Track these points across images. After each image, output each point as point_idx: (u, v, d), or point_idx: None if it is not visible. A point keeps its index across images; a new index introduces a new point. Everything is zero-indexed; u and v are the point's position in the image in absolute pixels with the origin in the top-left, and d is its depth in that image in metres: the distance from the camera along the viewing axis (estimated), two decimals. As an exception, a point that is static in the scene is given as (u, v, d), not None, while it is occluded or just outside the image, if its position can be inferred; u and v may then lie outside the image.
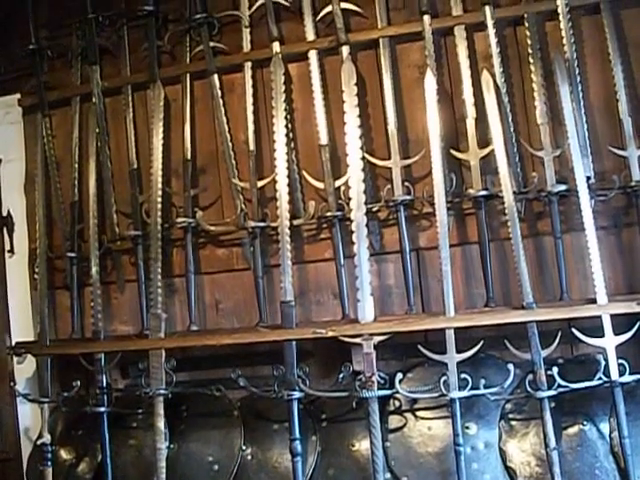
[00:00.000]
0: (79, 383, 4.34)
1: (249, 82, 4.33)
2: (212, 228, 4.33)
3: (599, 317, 3.60)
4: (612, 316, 3.59)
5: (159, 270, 4.25)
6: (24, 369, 4.67)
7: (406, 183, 4.03)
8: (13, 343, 4.68)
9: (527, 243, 3.85)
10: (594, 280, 3.62)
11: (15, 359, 4.61)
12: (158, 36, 4.54)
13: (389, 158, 4.07)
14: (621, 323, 3.60)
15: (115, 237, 4.55)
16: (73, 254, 4.57)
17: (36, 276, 4.61)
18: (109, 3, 4.68)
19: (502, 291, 3.98)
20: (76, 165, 4.64)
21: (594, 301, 3.62)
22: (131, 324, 4.58)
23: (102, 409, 4.24)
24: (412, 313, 3.98)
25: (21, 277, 4.82)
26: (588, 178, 3.75)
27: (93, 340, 4.34)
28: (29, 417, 4.70)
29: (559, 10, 3.88)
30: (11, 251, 4.88)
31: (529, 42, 3.96)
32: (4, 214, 4.89)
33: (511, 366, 3.67)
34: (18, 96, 4.89)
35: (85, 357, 4.32)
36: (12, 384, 4.58)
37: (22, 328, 4.77)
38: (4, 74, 4.96)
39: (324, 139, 4.17)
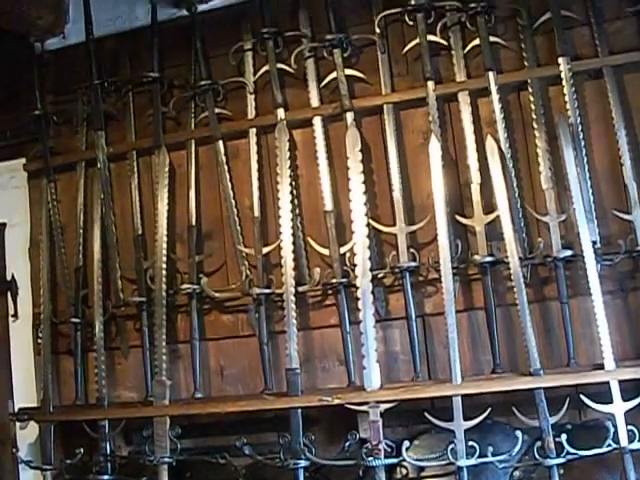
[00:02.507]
0: (82, 450, 4.30)
1: (254, 148, 4.37)
2: (217, 294, 4.32)
3: (607, 383, 3.56)
4: (620, 382, 3.55)
5: (164, 336, 4.25)
6: (27, 435, 4.64)
7: (411, 249, 4.03)
8: (16, 409, 4.64)
9: (533, 308, 3.83)
10: (601, 345, 3.60)
11: (18, 425, 4.58)
12: (163, 102, 4.58)
13: (394, 224, 4.07)
14: (629, 388, 3.56)
15: (119, 303, 4.54)
16: (77, 319, 4.55)
17: (40, 341, 4.59)
18: (114, 69, 4.74)
19: (509, 357, 3.95)
20: (81, 230, 4.65)
21: (602, 367, 3.59)
22: (135, 390, 4.54)
23: (106, 477, 4.21)
24: (418, 380, 3.95)
25: (24, 342, 4.79)
26: (594, 243, 3.74)
27: (97, 407, 4.32)
28: (31, 484, 4.65)
29: (562, 75, 3.92)
30: (15, 315, 4.87)
31: (533, 107, 3.98)
32: (8, 278, 4.89)
33: (519, 433, 3.63)
34: (23, 161, 4.92)
35: (89, 424, 4.29)
36: (14, 450, 4.55)
37: (25, 393, 4.74)
38: (10, 138, 4.98)
39: (329, 205, 4.18)
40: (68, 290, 4.66)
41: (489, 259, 3.89)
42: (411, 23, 4.13)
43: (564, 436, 3.56)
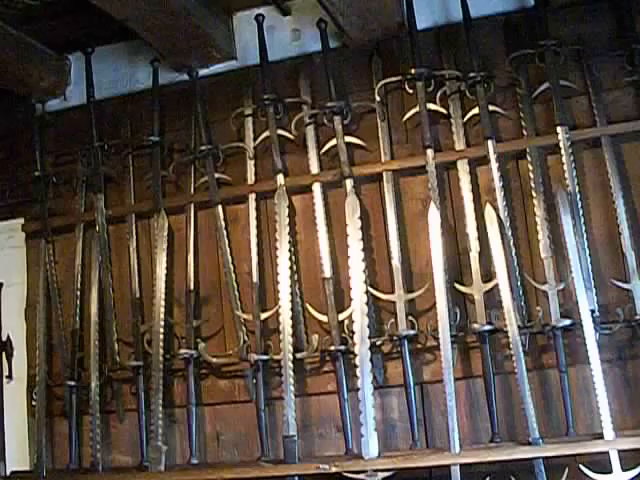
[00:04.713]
0: (75, 515, 4.26)
1: (253, 213, 4.38)
2: (214, 360, 4.30)
3: (607, 452, 3.54)
4: (620, 451, 3.53)
5: (160, 401, 4.22)
6: (19, 498, 4.58)
7: (410, 317, 4.02)
8: (8, 472, 4.58)
9: (532, 377, 3.82)
10: (600, 415, 3.59)
11: (9, 488, 4.54)
12: (163, 166, 4.59)
13: (393, 291, 4.07)
14: (629, 457, 3.54)
15: (116, 366, 4.50)
16: (73, 382, 4.51)
17: (34, 403, 4.57)
18: (115, 132, 4.76)
19: (507, 425, 3.92)
20: (78, 292, 4.64)
21: (601, 436, 3.58)
22: (130, 454, 4.48)
23: None
24: (416, 448, 3.92)
25: (19, 403, 4.75)
26: (592, 311, 3.75)
27: (91, 471, 4.29)
28: None
29: (561, 144, 3.95)
30: (9, 376, 4.81)
31: (531, 176, 4.00)
32: (4, 339, 4.83)
33: (518, 502, 3.62)
34: (22, 221, 4.92)
35: (83, 488, 4.25)
36: (5, 515, 4.49)
37: (18, 456, 4.68)
38: (8, 198, 4.99)
39: (328, 272, 4.18)
40: (64, 352, 4.62)
41: (488, 327, 3.88)
42: (411, 91, 4.18)
43: (563, 506, 3.55)
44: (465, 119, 4.13)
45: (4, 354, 4.83)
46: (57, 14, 4.36)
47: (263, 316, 4.24)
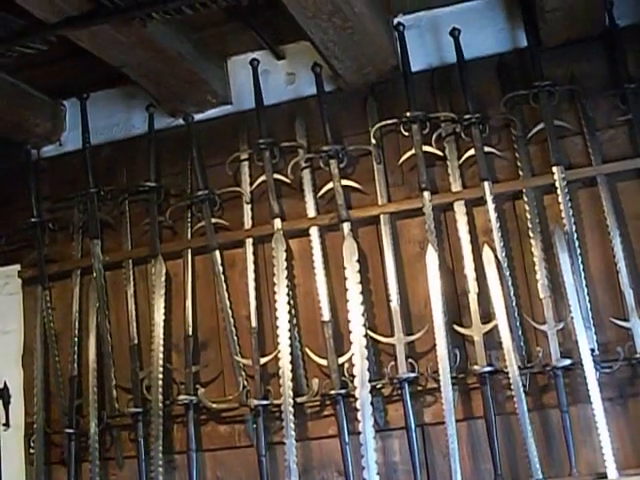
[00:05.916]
0: None
1: (250, 258, 4.37)
2: (214, 405, 4.28)
3: (611, 491, 3.55)
4: (624, 490, 3.54)
5: (160, 447, 4.20)
6: None
7: (410, 359, 4.01)
8: (6, 522, 4.56)
9: (533, 417, 3.82)
10: (603, 454, 3.59)
11: (6, 539, 4.50)
12: (159, 211, 4.58)
13: (392, 334, 4.06)
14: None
15: (115, 413, 4.47)
16: (71, 430, 4.46)
17: (32, 451, 4.54)
18: (111, 177, 4.76)
19: (510, 466, 3.90)
20: (76, 339, 4.61)
21: (604, 475, 3.58)
22: (130, 502, 4.46)
23: None
24: (419, 491, 3.90)
25: (16, 451, 4.70)
26: (592, 350, 3.75)
27: (90, 521, 4.25)
28: None
29: (557, 184, 3.97)
30: (6, 424, 4.78)
31: (528, 216, 4.02)
32: (0, 386, 4.81)
33: None
34: (18, 267, 4.89)
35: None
36: None
37: (16, 505, 4.65)
38: (5, 245, 4.96)
39: (326, 315, 4.17)
40: (62, 399, 4.59)
41: (488, 369, 3.87)
42: (406, 134, 4.19)
43: None
44: (461, 161, 4.15)
45: (1, 401, 4.80)
46: (52, 60, 4.35)
47: (262, 361, 4.22)
